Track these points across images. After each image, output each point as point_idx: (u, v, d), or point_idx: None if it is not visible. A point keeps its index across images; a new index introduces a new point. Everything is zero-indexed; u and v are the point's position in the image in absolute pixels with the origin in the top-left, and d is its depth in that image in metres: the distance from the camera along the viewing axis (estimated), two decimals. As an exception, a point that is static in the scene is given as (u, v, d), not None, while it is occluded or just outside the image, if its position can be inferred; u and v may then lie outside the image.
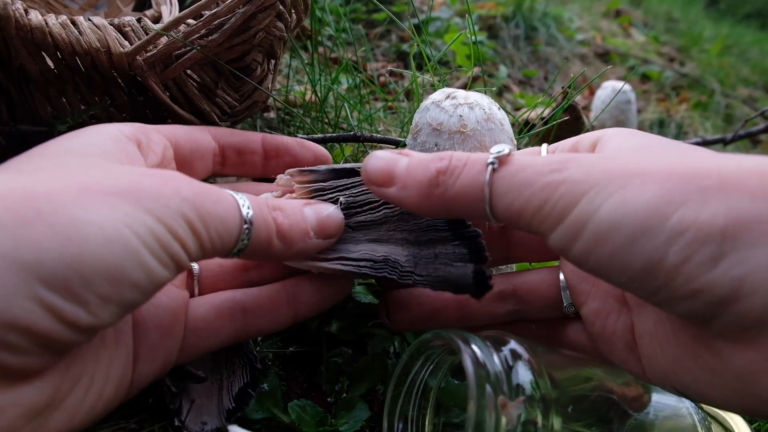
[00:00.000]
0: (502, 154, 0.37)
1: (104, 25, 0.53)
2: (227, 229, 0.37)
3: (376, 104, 1.08)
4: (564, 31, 2.23)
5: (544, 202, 0.34)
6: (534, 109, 0.93)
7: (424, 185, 0.39)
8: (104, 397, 0.37)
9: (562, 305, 0.47)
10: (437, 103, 0.54)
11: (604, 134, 0.43)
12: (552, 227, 0.34)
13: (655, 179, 0.32)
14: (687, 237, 0.30)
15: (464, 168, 0.38)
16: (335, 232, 0.45)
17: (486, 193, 0.36)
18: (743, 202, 0.30)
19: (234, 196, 0.39)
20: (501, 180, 0.36)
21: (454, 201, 0.38)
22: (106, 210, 0.31)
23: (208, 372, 0.48)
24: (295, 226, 0.42)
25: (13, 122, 0.56)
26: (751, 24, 5.34)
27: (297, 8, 0.60)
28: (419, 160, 0.40)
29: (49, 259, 0.29)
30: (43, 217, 0.30)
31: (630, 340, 0.42)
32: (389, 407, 0.45)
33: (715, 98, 2.19)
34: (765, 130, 1.25)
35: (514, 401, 0.35)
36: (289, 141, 0.55)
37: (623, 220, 0.31)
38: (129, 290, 0.32)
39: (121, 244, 0.31)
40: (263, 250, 0.41)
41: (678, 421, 0.45)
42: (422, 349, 0.44)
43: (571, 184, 0.33)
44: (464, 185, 0.37)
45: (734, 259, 0.29)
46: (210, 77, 0.60)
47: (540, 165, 0.35)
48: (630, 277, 0.32)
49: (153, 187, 0.34)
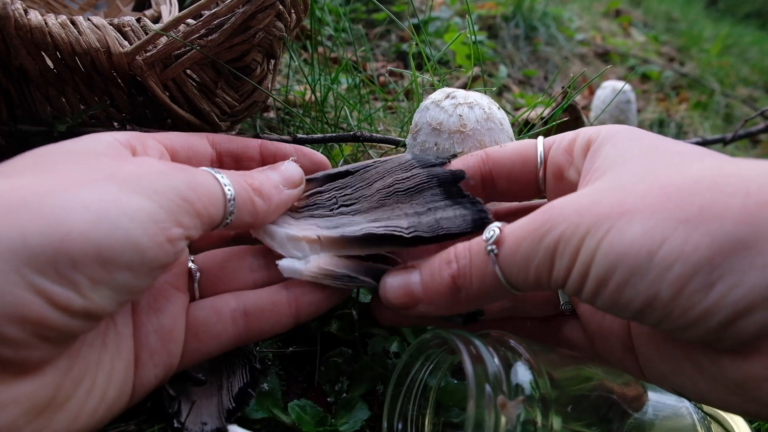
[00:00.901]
0: (495, 236, 0.39)
1: (104, 25, 0.53)
2: (214, 196, 0.39)
3: (376, 104, 1.08)
4: (564, 31, 2.23)
5: (551, 266, 0.36)
6: (534, 108, 0.93)
7: (448, 296, 0.41)
8: (107, 401, 0.37)
9: (559, 303, 0.48)
10: (437, 103, 0.54)
11: (598, 135, 0.43)
12: (564, 281, 0.36)
13: (638, 217, 0.33)
14: (675, 271, 0.31)
15: (471, 265, 0.40)
16: (299, 179, 0.50)
17: (502, 280, 0.38)
18: (726, 229, 0.30)
19: (207, 170, 0.42)
20: (507, 265, 0.38)
21: (479, 297, 0.40)
22: (93, 192, 0.31)
23: (207, 372, 0.48)
24: (265, 182, 0.46)
25: (13, 122, 0.56)
26: (751, 24, 5.34)
27: (297, 8, 0.60)
28: (430, 273, 0.42)
29: (35, 242, 0.29)
30: (28, 204, 0.30)
31: (627, 340, 0.42)
32: (389, 407, 0.45)
33: (715, 98, 2.19)
34: (765, 130, 1.24)
35: (514, 401, 0.35)
36: (287, 148, 0.55)
37: (615, 262, 0.33)
38: (121, 272, 0.32)
39: (109, 223, 0.31)
40: (249, 210, 0.43)
41: (677, 421, 0.45)
42: (422, 349, 0.44)
43: (566, 240, 0.35)
44: (481, 281, 0.40)
45: (726, 285, 0.30)
46: (209, 77, 0.60)
47: (531, 232, 0.37)
48: (634, 312, 0.33)
49: (135, 170, 0.35)
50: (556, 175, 0.46)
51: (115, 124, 0.59)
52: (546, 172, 0.47)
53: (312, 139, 0.70)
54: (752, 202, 0.30)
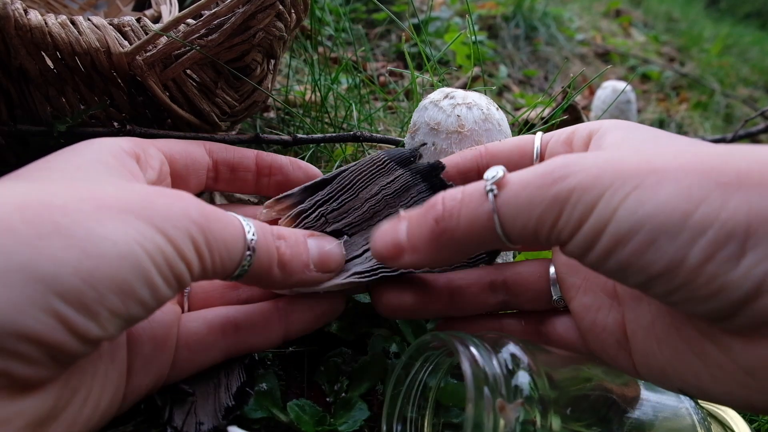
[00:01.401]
0: (498, 177, 0.35)
1: (104, 25, 0.53)
2: (230, 253, 0.38)
3: (376, 104, 1.08)
4: (564, 31, 2.23)
5: (558, 216, 0.33)
6: (534, 108, 0.93)
7: (431, 239, 0.38)
8: (100, 409, 0.37)
9: (551, 298, 0.47)
10: (435, 103, 0.54)
11: (601, 126, 0.42)
12: (569, 237, 0.33)
13: (671, 176, 0.31)
14: (710, 235, 0.29)
15: (461, 204, 0.36)
16: (335, 267, 0.46)
17: (497, 224, 0.35)
18: (765, 197, 0.29)
19: (241, 222, 0.40)
20: (506, 205, 0.35)
21: (465, 239, 0.37)
22: (120, 226, 0.32)
23: (201, 373, 0.48)
24: (296, 257, 0.43)
25: (13, 122, 0.56)
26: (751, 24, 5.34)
27: (297, 8, 0.60)
28: (415, 216, 0.39)
29: (65, 272, 0.29)
30: (60, 230, 0.30)
31: (620, 336, 0.41)
32: (388, 408, 0.45)
33: (715, 98, 2.19)
34: (765, 130, 1.24)
35: (513, 404, 0.35)
36: (282, 160, 0.55)
37: (643, 221, 0.30)
38: (135, 306, 0.32)
39: (132, 261, 0.31)
40: (263, 276, 0.41)
41: (677, 421, 0.45)
42: (421, 350, 0.44)
43: (582, 190, 0.32)
44: (469, 220, 0.36)
45: (756, 257, 0.29)
46: (209, 77, 0.60)
47: (541, 177, 0.34)
48: (649, 277, 0.31)
49: (164, 207, 0.35)
50: None
51: (115, 124, 0.59)
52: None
53: (312, 139, 0.70)
54: None
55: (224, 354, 0.46)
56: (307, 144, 0.71)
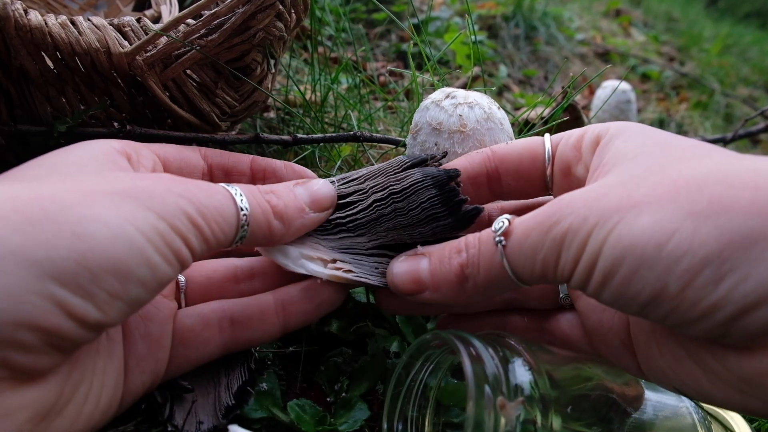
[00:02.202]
0: (504, 228, 0.39)
1: (104, 25, 0.53)
2: (225, 218, 0.38)
3: (376, 104, 1.08)
4: (564, 31, 2.23)
5: (557, 257, 0.36)
6: (534, 108, 0.93)
7: (455, 285, 0.41)
8: (101, 406, 0.37)
9: (558, 296, 0.48)
10: (437, 103, 0.54)
11: (608, 131, 0.43)
12: (570, 275, 0.36)
13: (648, 209, 0.32)
14: (684, 264, 0.31)
15: (480, 255, 0.40)
16: (329, 204, 0.47)
17: (509, 271, 0.39)
18: (735, 222, 0.30)
19: (226, 188, 0.40)
20: (513, 255, 0.38)
21: (485, 288, 0.41)
22: (110, 208, 0.32)
23: (202, 372, 0.48)
24: (290, 204, 0.44)
25: (13, 122, 0.56)
26: (751, 24, 5.34)
27: (297, 8, 0.60)
28: (439, 259, 0.42)
29: (59, 255, 0.29)
30: (50, 215, 0.30)
31: (625, 337, 0.42)
32: (389, 407, 0.45)
33: (715, 98, 2.19)
34: (765, 130, 1.24)
35: (513, 402, 0.35)
36: (277, 164, 0.55)
37: (623, 254, 0.32)
38: (135, 286, 0.32)
39: (126, 241, 0.32)
40: (264, 233, 0.42)
41: (678, 421, 0.45)
42: (422, 350, 0.44)
43: (573, 232, 0.35)
44: (488, 272, 0.40)
45: (735, 279, 0.30)
46: (210, 77, 0.60)
47: (540, 224, 0.37)
48: (640, 305, 0.33)
49: (149, 186, 0.35)
50: (563, 171, 0.46)
51: (116, 124, 0.59)
52: (554, 169, 0.47)
53: (312, 139, 0.70)
54: (762, 196, 0.30)
55: (222, 349, 0.46)
56: (307, 144, 0.71)
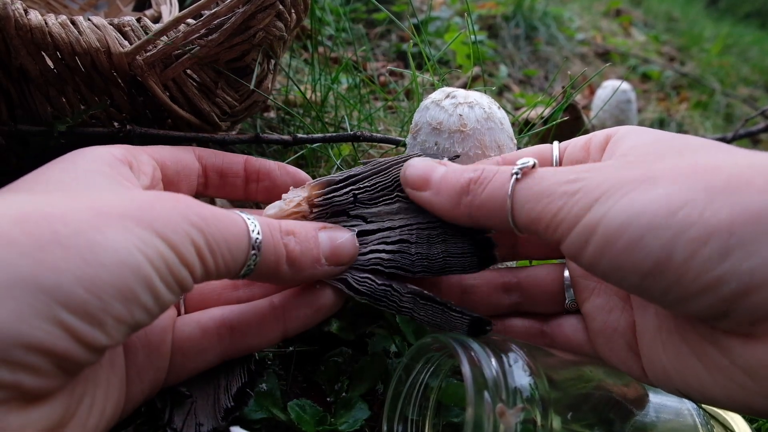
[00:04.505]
0: (527, 165, 0.39)
1: (104, 25, 0.53)
2: (233, 254, 0.37)
3: (376, 104, 1.08)
4: (564, 31, 2.23)
5: (559, 210, 0.36)
6: (534, 108, 0.93)
7: (456, 192, 0.42)
8: (105, 417, 0.37)
9: (564, 301, 0.48)
10: (437, 103, 0.54)
11: (617, 132, 0.43)
12: (566, 233, 0.35)
13: (664, 182, 0.32)
14: (692, 233, 0.30)
15: (492, 178, 0.40)
16: (348, 260, 0.45)
17: (508, 203, 0.38)
18: (749, 198, 0.30)
19: (245, 220, 0.39)
20: (522, 190, 0.38)
21: (479, 209, 0.41)
22: (120, 233, 0.32)
23: (201, 374, 0.48)
24: (306, 253, 0.42)
25: (13, 122, 0.56)
26: (751, 23, 5.34)
27: (297, 8, 0.60)
28: (455, 169, 0.43)
29: (68, 282, 0.29)
30: (60, 240, 0.30)
31: (630, 338, 0.42)
32: (389, 408, 0.45)
33: (715, 98, 2.19)
34: (765, 130, 1.24)
35: (512, 409, 0.35)
36: (270, 165, 0.55)
37: (631, 219, 0.32)
38: (139, 312, 0.32)
39: (133, 268, 0.31)
40: (271, 274, 0.41)
41: (680, 422, 0.45)
42: (422, 352, 0.44)
43: (586, 191, 0.35)
44: (490, 194, 0.40)
45: (743, 253, 0.29)
46: (210, 77, 0.60)
47: (560, 175, 0.37)
48: (642, 275, 0.32)
49: (163, 211, 0.35)
50: None
51: (116, 124, 0.59)
52: None
53: (312, 138, 0.70)
54: None
55: (221, 357, 0.46)
56: (307, 144, 0.71)
